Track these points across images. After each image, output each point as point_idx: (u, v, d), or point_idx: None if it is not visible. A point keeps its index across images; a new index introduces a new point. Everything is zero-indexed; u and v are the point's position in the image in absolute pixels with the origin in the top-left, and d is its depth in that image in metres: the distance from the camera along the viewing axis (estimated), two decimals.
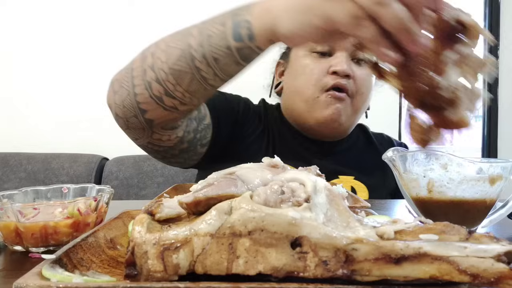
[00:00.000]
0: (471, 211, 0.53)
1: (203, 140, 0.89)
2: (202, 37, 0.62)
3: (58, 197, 0.60)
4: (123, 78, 0.70)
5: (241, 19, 0.59)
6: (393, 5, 0.44)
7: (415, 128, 0.48)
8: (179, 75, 0.64)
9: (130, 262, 0.33)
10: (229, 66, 0.63)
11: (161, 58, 0.65)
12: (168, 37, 0.67)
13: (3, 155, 1.92)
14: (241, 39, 0.59)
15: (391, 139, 1.20)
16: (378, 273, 0.30)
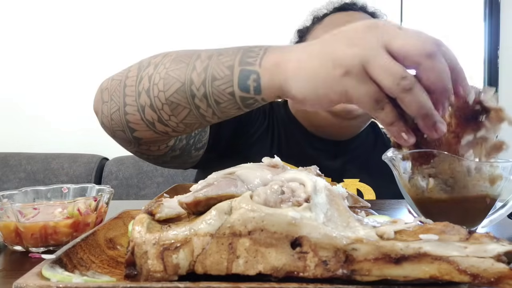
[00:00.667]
0: (471, 211, 0.53)
1: (197, 144, 0.85)
2: (206, 76, 0.57)
3: (58, 197, 0.60)
4: (114, 91, 0.65)
5: (251, 69, 0.55)
6: (417, 91, 0.43)
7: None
8: (176, 107, 0.60)
9: (130, 262, 0.33)
10: (229, 109, 0.60)
11: (159, 86, 0.60)
12: (168, 61, 0.61)
13: (3, 155, 1.92)
14: (248, 90, 0.56)
15: None
16: (378, 273, 0.30)
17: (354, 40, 0.45)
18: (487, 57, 2.41)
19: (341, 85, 0.46)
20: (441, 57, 0.43)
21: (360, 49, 0.44)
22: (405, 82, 0.42)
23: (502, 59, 2.40)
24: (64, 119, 2.05)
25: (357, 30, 0.46)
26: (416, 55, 0.42)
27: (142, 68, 0.63)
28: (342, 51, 0.45)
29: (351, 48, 0.45)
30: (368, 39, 0.44)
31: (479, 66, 2.46)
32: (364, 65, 0.44)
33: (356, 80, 0.45)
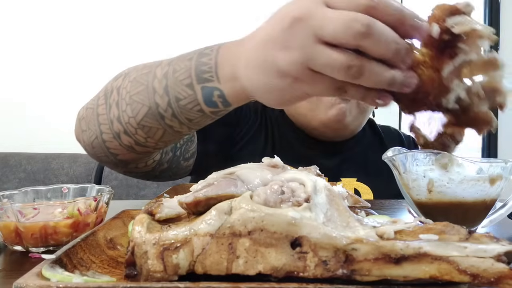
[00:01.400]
0: (471, 211, 0.53)
1: (185, 154, 0.84)
2: (169, 98, 0.56)
3: (58, 197, 0.60)
4: (90, 120, 0.65)
5: (212, 86, 0.54)
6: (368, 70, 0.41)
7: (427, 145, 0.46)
8: (149, 130, 0.60)
9: (130, 262, 0.33)
10: (203, 122, 0.60)
11: (127, 112, 0.59)
12: (128, 84, 0.61)
13: (3, 155, 1.92)
14: (216, 106, 0.55)
15: (399, 132, 1.16)
16: (378, 273, 0.30)
17: (286, 42, 0.43)
18: None
19: (298, 90, 0.46)
20: (376, 26, 0.40)
21: (296, 52, 0.42)
22: (353, 71, 0.41)
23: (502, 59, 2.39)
24: (64, 119, 2.04)
25: (284, 27, 0.43)
26: (351, 40, 0.40)
27: (108, 94, 0.63)
28: (281, 59, 0.44)
29: (287, 52, 0.43)
30: (299, 37, 0.42)
31: None
32: (307, 66, 0.43)
33: (307, 82, 0.44)
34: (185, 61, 0.56)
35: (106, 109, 0.62)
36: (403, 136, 1.14)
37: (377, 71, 0.41)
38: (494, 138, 2.43)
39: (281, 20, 0.44)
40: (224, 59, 0.53)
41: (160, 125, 0.59)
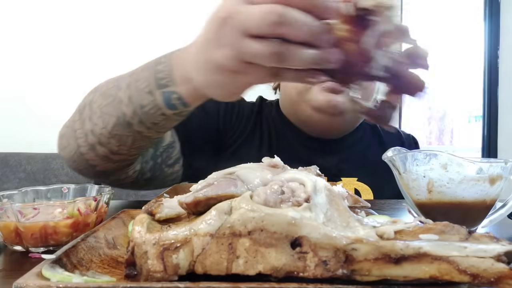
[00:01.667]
0: (471, 211, 0.53)
1: (167, 161, 0.85)
2: (134, 106, 0.61)
3: (58, 197, 0.60)
4: (69, 136, 0.70)
5: (170, 90, 0.58)
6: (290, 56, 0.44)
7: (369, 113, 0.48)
8: (121, 138, 0.64)
9: (130, 262, 0.33)
10: (169, 124, 0.65)
11: (99, 124, 0.64)
12: (98, 98, 0.66)
13: (3, 155, 1.92)
14: (176, 108, 0.60)
15: (398, 130, 1.14)
16: (378, 273, 0.30)
17: (219, 41, 0.47)
18: (487, 57, 2.41)
19: (240, 81, 0.50)
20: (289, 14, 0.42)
21: (229, 49, 0.46)
22: (278, 57, 0.44)
23: (502, 59, 2.40)
24: (65, 119, 2.05)
25: (215, 28, 0.47)
26: (270, 30, 0.43)
27: (81, 111, 0.68)
28: (218, 57, 0.48)
29: (222, 49, 0.47)
30: (228, 35, 0.46)
31: (479, 66, 2.46)
32: (241, 59, 0.46)
33: (246, 73, 0.48)
34: (144, 71, 0.61)
35: (81, 124, 0.67)
36: (403, 134, 1.13)
37: (299, 54, 0.44)
38: (494, 138, 2.43)
39: (212, 22, 0.48)
40: (176, 64, 0.58)
41: (130, 132, 0.63)
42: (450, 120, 3.07)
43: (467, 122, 2.93)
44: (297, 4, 0.43)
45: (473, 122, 2.80)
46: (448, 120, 3.07)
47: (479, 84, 2.46)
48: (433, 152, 0.54)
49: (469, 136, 2.86)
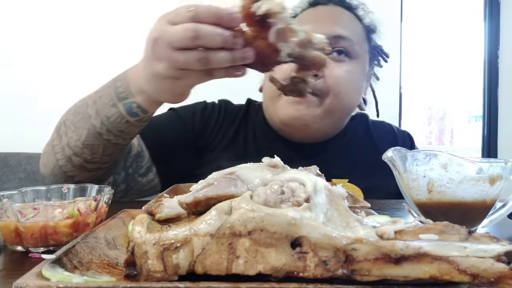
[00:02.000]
0: (471, 211, 0.53)
1: (139, 170, 0.88)
2: (101, 118, 0.72)
3: (58, 197, 0.60)
4: (49, 153, 0.80)
5: (130, 101, 0.70)
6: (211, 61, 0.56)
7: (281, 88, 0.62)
8: (93, 147, 0.74)
9: (130, 262, 0.33)
10: (134, 130, 0.75)
11: (74, 137, 0.75)
12: (71, 116, 0.77)
13: (3, 155, 1.92)
14: (138, 115, 0.71)
15: (392, 127, 1.12)
16: (378, 273, 0.30)
17: (155, 56, 0.60)
18: (487, 57, 2.41)
19: (181, 85, 0.62)
20: (202, 29, 0.54)
21: (165, 61, 0.59)
22: (203, 61, 0.56)
23: (502, 59, 2.40)
24: None
25: (151, 47, 0.60)
26: (191, 43, 0.55)
27: (58, 129, 0.79)
28: (159, 69, 0.60)
29: (160, 63, 0.60)
30: (161, 51, 0.58)
31: (479, 66, 2.46)
32: (176, 67, 0.58)
33: (184, 77, 0.60)
34: (106, 88, 0.73)
35: (58, 140, 0.77)
36: (397, 132, 1.10)
37: (219, 57, 0.56)
38: (494, 138, 2.43)
39: (148, 42, 0.61)
40: (131, 79, 0.70)
41: (100, 141, 0.73)
42: (450, 120, 3.07)
43: (467, 122, 2.93)
44: (207, 20, 0.55)
45: (473, 122, 2.80)
46: (448, 120, 3.07)
47: (479, 84, 2.46)
48: (433, 152, 0.54)
49: (469, 136, 2.86)
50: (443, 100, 2.99)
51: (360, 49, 0.94)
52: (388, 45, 1.07)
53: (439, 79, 2.75)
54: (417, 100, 2.80)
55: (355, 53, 0.93)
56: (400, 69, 2.19)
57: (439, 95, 2.91)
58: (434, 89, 2.83)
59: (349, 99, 0.93)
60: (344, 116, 0.98)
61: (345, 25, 0.94)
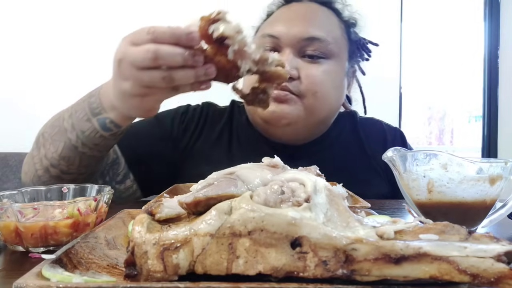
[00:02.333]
0: (471, 211, 0.53)
1: (116, 177, 0.89)
2: (76, 132, 0.74)
3: (58, 197, 0.60)
4: (29, 163, 0.82)
5: (104, 116, 0.72)
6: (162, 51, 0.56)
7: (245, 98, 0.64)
8: (69, 159, 0.76)
9: (130, 262, 0.33)
10: (109, 143, 0.77)
11: (51, 149, 0.77)
12: (49, 128, 0.79)
13: (3, 155, 1.92)
14: (111, 130, 0.73)
15: (382, 125, 1.07)
16: (378, 273, 0.30)
17: (122, 76, 0.62)
18: (487, 57, 2.41)
19: (150, 101, 0.64)
20: (161, 50, 0.56)
21: (131, 80, 0.61)
22: (167, 79, 0.58)
23: (502, 59, 2.39)
24: None
25: (117, 67, 0.62)
26: (152, 63, 0.57)
27: (37, 141, 0.81)
28: (127, 88, 0.62)
29: (126, 82, 0.62)
30: (126, 71, 0.60)
31: (479, 66, 2.46)
32: (143, 85, 0.60)
33: (151, 94, 0.62)
34: (81, 103, 0.75)
35: (37, 151, 0.80)
36: (386, 128, 1.06)
37: (181, 75, 0.58)
38: (494, 138, 2.43)
39: (114, 63, 0.64)
40: (103, 96, 0.72)
41: (76, 154, 0.75)
42: (450, 120, 3.07)
43: (467, 122, 2.93)
44: (166, 40, 0.56)
45: (473, 122, 2.80)
46: (448, 120, 3.07)
47: (479, 84, 2.46)
48: (433, 152, 0.54)
49: (469, 136, 2.86)
50: (443, 100, 2.99)
51: (336, 47, 0.91)
52: (388, 45, 1.06)
53: (439, 79, 2.75)
54: (417, 100, 2.80)
55: (331, 52, 0.90)
56: (400, 69, 2.19)
57: (439, 95, 2.91)
58: (434, 89, 2.83)
59: (328, 99, 0.91)
60: (327, 116, 0.95)
61: (319, 24, 0.90)
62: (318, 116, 0.91)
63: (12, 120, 2.09)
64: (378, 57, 1.07)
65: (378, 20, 2.02)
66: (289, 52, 0.87)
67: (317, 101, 0.88)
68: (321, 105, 0.89)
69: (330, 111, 0.94)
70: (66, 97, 2.20)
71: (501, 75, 2.40)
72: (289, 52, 0.87)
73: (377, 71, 1.08)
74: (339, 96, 0.94)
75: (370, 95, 1.09)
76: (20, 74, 2.10)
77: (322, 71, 0.88)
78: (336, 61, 0.91)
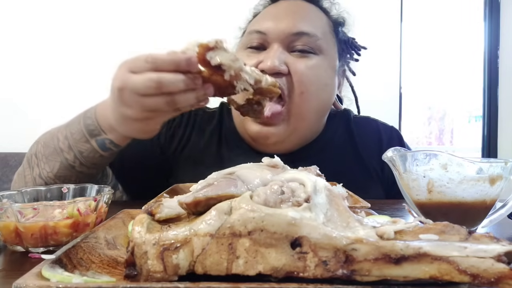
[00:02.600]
0: (471, 211, 0.53)
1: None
2: (74, 153, 0.74)
3: (57, 197, 0.60)
4: (19, 182, 0.82)
5: (103, 138, 0.73)
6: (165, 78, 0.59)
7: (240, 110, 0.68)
8: (65, 178, 0.76)
9: (130, 262, 0.33)
10: (106, 161, 0.78)
11: (46, 169, 0.77)
12: (42, 148, 0.78)
13: (3, 155, 1.92)
14: (111, 150, 0.74)
15: (378, 124, 1.03)
16: (378, 273, 0.30)
17: (124, 102, 0.63)
18: (487, 57, 2.41)
19: (153, 123, 0.66)
20: (163, 77, 0.58)
21: (134, 106, 0.62)
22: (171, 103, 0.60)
23: (502, 59, 2.40)
24: (64, 119, 2.05)
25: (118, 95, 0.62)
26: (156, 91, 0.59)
27: (29, 160, 0.81)
28: (129, 113, 0.64)
29: (129, 108, 0.63)
30: (128, 98, 0.61)
31: (479, 66, 2.47)
32: (146, 110, 0.62)
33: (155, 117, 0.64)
34: (76, 125, 0.75)
35: (29, 171, 0.80)
36: (382, 127, 1.02)
37: (184, 98, 0.61)
38: (494, 138, 2.43)
39: (113, 92, 0.64)
40: (99, 117, 0.72)
41: (73, 173, 0.75)
42: (450, 120, 3.07)
43: (467, 122, 2.93)
44: (167, 68, 0.58)
45: (473, 122, 2.80)
46: (448, 120, 3.07)
47: (479, 84, 2.46)
48: (433, 152, 0.54)
49: (469, 136, 2.86)
50: (443, 100, 2.99)
51: (325, 43, 0.89)
52: (388, 45, 1.06)
53: (439, 79, 2.75)
54: (417, 100, 2.80)
55: (320, 48, 0.87)
56: (400, 69, 2.19)
57: (439, 95, 2.91)
58: (434, 89, 2.83)
59: (316, 97, 0.87)
60: (316, 120, 0.91)
61: (307, 19, 0.88)
62: (306, 121, 0.87)
63: (12, 120, 2.09)
64: (378, 57, 1.07)
65: (378, 20, 2.03)
66: (277, 47, 0.84)
67: (304, 103, 0.85)
68: (308, 106, 0.86)
69: (319, 112, 0.90)
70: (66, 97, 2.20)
71: (501, 75, 2.40)
72: (278, 47, 0.84)
73: (377, 71, 1.07)
74: (328, 94, 0.91)
75: (370, 95, 1.08)
76: (20, 74, 2.11)
77: (311, 66, 0.85)
78: (326, 57, 0.88)
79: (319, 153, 0.93)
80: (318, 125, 0.94)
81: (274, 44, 0.85)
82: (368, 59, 0.99)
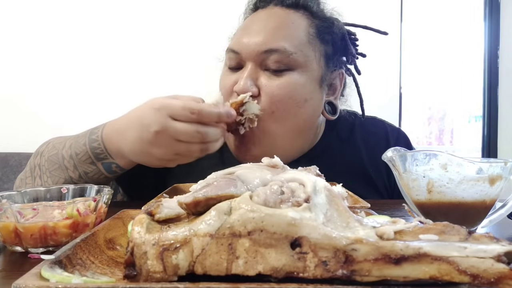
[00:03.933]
0: (470, 211, 0.53)
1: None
2: (79, 172, 0.77)
3: (57, 197, 0.60)
4: (20, 188, 0.80)
5: (109, 161, 0.75)
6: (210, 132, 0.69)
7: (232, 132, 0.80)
8: None
9: (130, 263, 0.33)
10: (111, 180, 0.82)
11: (49, 182, 0.79)
12: (45, 163, 0.80)
13: (3, 155, 1.92)
14: (116, 172, 0.78)
15: (385, 125, 1.01)
16: (378, 273, 0.30)
17: (156, 144, 0.68)
18: (487, 57, 2.41)
19: (175, 162, 0.72)
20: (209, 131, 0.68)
21: (166, 148, 0.68)
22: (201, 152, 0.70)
23: (502, 59, 2.40)
24: (64, 119, 2.05)
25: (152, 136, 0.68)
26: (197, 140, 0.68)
27: (32, 170, 0.82)
28: (156, 153, 0.69)
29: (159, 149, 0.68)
30: (164, 141, 0.68)
31: (479, 66, 2.47)
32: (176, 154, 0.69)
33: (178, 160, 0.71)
34: (81, 146, 0.77)
35: (32, 180, 0.81)
36: (389, 130, 1.01)
37: (217, 145, 0.72)
38: (494, 138, 2.43)
39: (147, 133, 0.68)
40: (107, 142, 0.75)
41: None
42: (450, 120, 3.07)
43: (467, 122, 2.92)
44: (211, 121, 0.68)
45: (473, 122, 2.80)
46: (448, 120, 3.07)
47: (479, 84, 2.46)
48: (433, 152, 0.54)
49: (469, 136, 2.86)
50: (443, 100, 2.99)
51: (302, 56, 0.83)
52: (388, 45, 1.05)
53: (439, 79, 2.75)
54: (417, 100, 2.80)
55: (295, 63, 0.82)
56: (400, 69, 2.20)
57: (439, 95, 2.91)
58: (434, 89, 2.83)
59: (289, 116, 0.83)
60: (296, 135, 0.87)
61: (280, 33, 0.83)
62: (281, 139, 0.85)
63: (12, 120, 2.09)
64: (378, 57, 1.06)
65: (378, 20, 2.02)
66: (250, 66, 0.82)
67: (275, 122, 0.82)
68: (281, 125, 0.83)
69: (298, 129, 0.87)
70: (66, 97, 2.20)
71: (501, 75, 2.40)
72: (251, 66, 0.82)
73: (377, 71, 1.07)
74: (309, 109, 0.86)
75: (370, 95, 1.08)
76: (20, 74, 2.11)
77: (284, 85, 0.81)
78: (304, 70, 0.83)
79: (314, 159, 0.88)
80: (303, 140, 0.91)
81: (248, 63, 0.83)
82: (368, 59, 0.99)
